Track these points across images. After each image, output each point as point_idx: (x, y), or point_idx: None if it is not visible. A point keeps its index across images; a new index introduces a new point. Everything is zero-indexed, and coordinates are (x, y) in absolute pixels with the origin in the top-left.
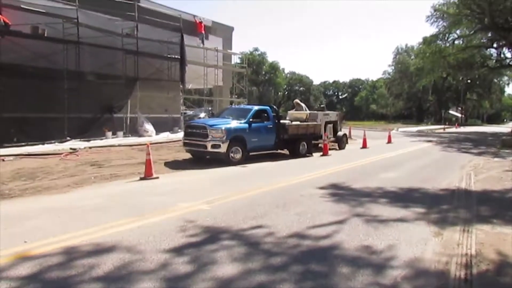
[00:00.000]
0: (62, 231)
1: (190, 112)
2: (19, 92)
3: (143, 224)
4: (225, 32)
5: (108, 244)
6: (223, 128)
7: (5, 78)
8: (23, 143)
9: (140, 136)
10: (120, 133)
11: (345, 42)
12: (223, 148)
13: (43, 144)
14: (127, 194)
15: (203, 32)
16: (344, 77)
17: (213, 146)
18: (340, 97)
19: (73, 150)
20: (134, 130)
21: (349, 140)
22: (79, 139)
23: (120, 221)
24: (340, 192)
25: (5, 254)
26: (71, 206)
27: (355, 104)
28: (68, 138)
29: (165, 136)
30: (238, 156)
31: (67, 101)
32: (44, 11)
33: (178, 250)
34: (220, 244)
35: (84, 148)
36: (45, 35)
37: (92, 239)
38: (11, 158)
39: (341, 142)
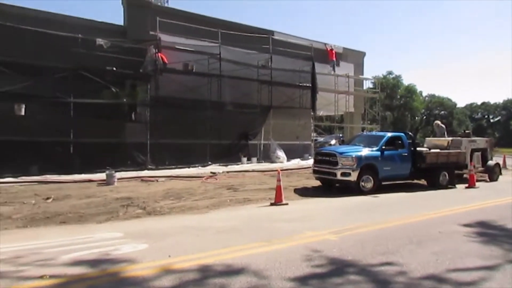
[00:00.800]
0: (199, 249)
1: (320, 139)
2: (172, 121)
3: (270, 249)
4: (357, 58)
5: (238, 266)
6: (353, 156)
7: (161, 109)
8: (173, 166)
9: (272, 162)
10: (254, 159)
11: (492, 57)
12: (353, 177)
13: (188, 167)
14: (257, 219)
15: (334, 59)
16: (496, 98)
17: (343, 174)
18: (492, 120)
19: (213, 174)
20: (267, 156)
21: (503, 171)
22: (218, 164)
23: (250, 244)
24: (490, 232)
25: (153, 266)
26: (209, 226)
27: (511, 128)
28: (209, 162)
29: (296, 162)
30: (369, 185)
31: (209, 129)
32: (193, 49)
33: (302, 280)
34: (346, 278)
35: (222, 172)
36: (194, 70)
37: (224, 260)
38: (163, 179)
39: (492, 173)
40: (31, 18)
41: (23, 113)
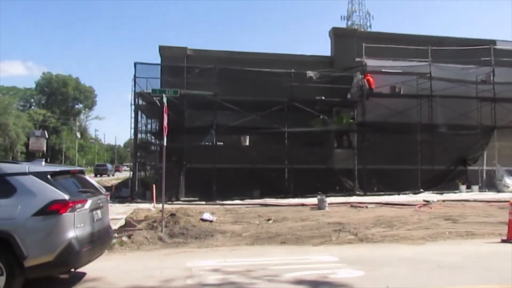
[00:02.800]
0: (419, 283)
1: None
2: (379, 146)
3: None
4: None
5: None
6: None
7: (368, 133)
8: (381, 192)
9: (499, 191)
10: (475, 187)
11: None
12: None
13: (398, 194)
14: (486, 256)
15: None
16: None
17: None
18: None
19: (427, 202)
20: (491, 184)
21: None
22: (431, 191)
23: (479, 286)
24: None
25: None
26: (427, 259)
27: None
28: (421, 189)
29: None
30: None
31: (420, 154)
32: (400, 71)
33: None
34: None
35: (437, 201)
36: (401, 92)
37: None
38: (372, 205)
39: None
40: (253, 60)
41: (247, 143)
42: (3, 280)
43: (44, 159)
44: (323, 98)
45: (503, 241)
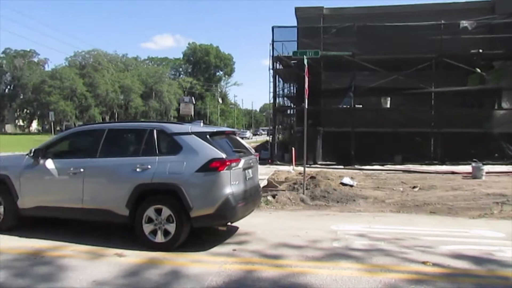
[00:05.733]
0: None
1: None
2: None
3: None
4: None
5: None
6: None
7: None
8: None
9: None
10: None
11: None
12: None
13: None
14: None
15: None
16: None
17: None
18: None
19: None
20: None
21: None
22: None
23: None
24: None
25: None
26: None
27: None
28: None
29: None
30: None
31: None
32: None
33: None
34: None
35: None
36: None
37: None
38: None
39: None
40: (395, 14)
41: (388, 105)
42: (174, 227)
43: (202, 121)
44: (480, 51)
45: None
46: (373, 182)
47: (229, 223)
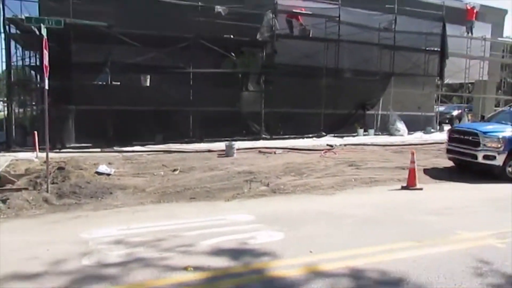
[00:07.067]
0: (342, 246)
1: (441, 109)
2: (286, 89)
3: (424, 254)
4: (496, 17)
5: (394, 275)
6: (500, 137)
7: (277, 77)
8: (286, 136)
9: (391, 135)
10: (371, 131)
11: None
12: (499, 161)
13: (303, 138)
14: (393, 207)
15: (474, 19)
16: None
17: (486, 157)
18: None
19: (330, 147)
20: (384, 128)
21: None
22: (333, 135)
23: (398, 244)
24: None
25: (297, 264)
26: (342, 214)
27: None
28: (323, 133)
29: (418, 136)
30: None
31: (324, 98)
32: (311, 12)
33: None
34: None
35: (340, 145)
36: (310, 35)
37: (376, 264)
38: (280, 151)
39: None
40: None
41: (148, 84)
42: None
43: None
44: (231, 36)
45: (403, 188)
46: (133, 167)
47: None
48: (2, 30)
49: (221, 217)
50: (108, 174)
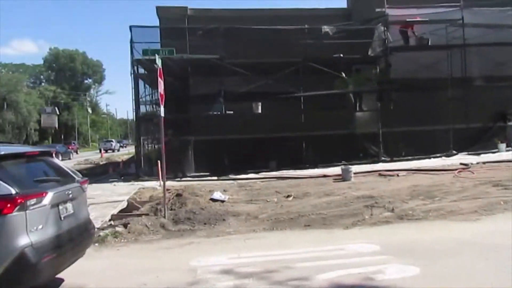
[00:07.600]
0: (498, 285)
1: None
2: (405, 105)
3: None
4: None
5: None
6: None
7: (394, 93)
8: (410, 157)
9: None
10: None
11: None
12: None
13: (429, 158)
14: None
15: None
16: None
17: None
18: None
19: (466, 166)
20: None
21: None
22: (466, 153)
23: None
24: None
25: None
26: (492, 244)
27: None
28: (454, 151)
29: None
30: None
31: (452, 112)
32: (427, 19)
33: None
34: None
35: (477, 163)
36: (429, 43)
37: None
38: (403, 173)
39: None
40: (261, 18)
41: (260, 111)
42: None
43: None
44: (341, 55)
45: None
46: (246, 193)
47: None
48: (131, 71)
49: (339, 247)
50: (222, 201)
